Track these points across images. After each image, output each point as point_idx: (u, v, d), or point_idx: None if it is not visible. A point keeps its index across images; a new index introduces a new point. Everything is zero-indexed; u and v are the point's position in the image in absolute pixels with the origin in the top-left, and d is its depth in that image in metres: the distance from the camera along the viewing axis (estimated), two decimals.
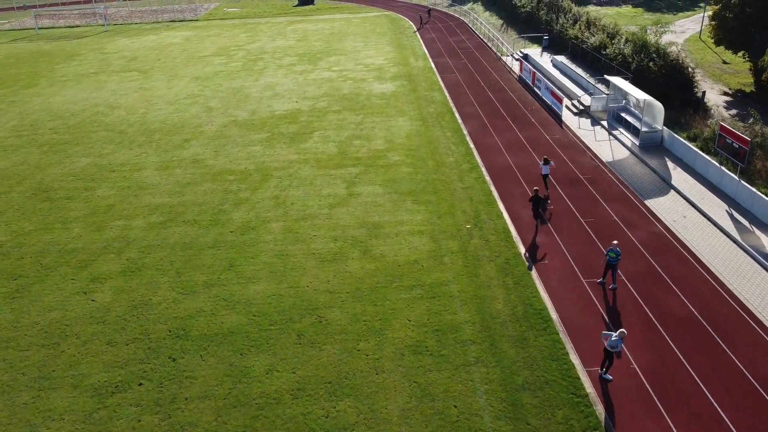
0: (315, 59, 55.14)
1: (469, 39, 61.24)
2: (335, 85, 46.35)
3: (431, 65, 51.03)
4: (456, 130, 35.53)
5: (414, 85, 45.21)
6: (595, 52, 42.22)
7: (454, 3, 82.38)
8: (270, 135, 36.06)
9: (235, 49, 60.97)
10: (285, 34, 67.79)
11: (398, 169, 30.31)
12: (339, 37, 64.84)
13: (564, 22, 49.62)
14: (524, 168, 29.97)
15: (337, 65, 52.48)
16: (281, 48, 60.65)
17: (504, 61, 51.61)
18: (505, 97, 41.62)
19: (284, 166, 31.36)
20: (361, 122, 37.55)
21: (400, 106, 40.33)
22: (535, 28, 58.29)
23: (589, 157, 30.98)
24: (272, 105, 41.99)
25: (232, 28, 73.65)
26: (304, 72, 50.68)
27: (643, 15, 71.91)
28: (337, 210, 26.42)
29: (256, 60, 55.90)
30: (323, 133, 35.88)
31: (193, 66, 54.74)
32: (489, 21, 68.66)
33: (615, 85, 34.06)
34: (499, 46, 55.91)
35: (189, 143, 35.36)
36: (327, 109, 40.62)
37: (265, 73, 51.05)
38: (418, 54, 55.39)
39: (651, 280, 20.63)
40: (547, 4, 57.14)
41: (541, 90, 40.84)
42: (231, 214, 26.50)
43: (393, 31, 67.38)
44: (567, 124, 35.74)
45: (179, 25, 77.55)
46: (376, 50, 57.67)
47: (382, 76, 48.26)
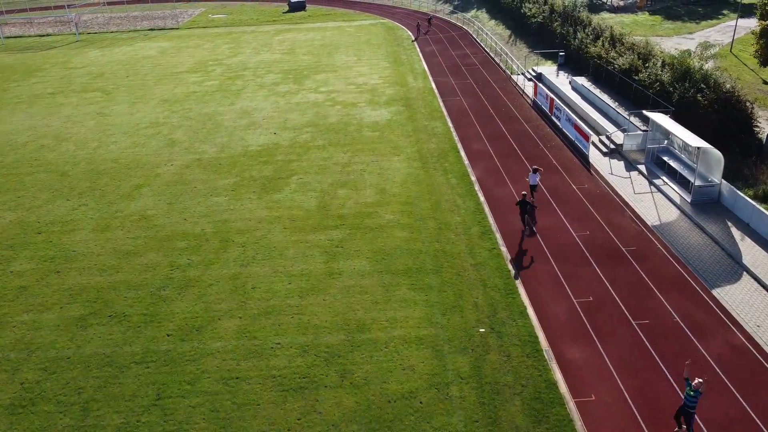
0: (301, 77, 49.03)
1: (474, 53, 55.12)
2: (322, 111, 40.24)
3: (432, 86, 44.93)
4: (462, 176, 29.43)
5: (412, 112, 39.10)
6: (624, 75, 36.12)
7: (456, 10, 76.27)
8: (239, 180, 29.96)
9: (213, 64, 54.85)
10: (271, 46, 61.66)
11: (391, 234, 24.22)
12: (330, 50, 58.72)
13: (583, 38, 43.52)
14: (550, 234, 23.88)
15: (325, 85, 46.37)
16: (265, 63, 54.53)
17: (514, 81, 45.50)
18: (518, 129, 35.51)
19: (250, 228, 25.26)
20: (348, 162, 31.47)
21: (396, 141, 34.25)
22: (547, 41, 52.19)
23: (629, 217, 24.88)
24: (246, 137, 35.88)
25: (214, 38, 67.53)
26: (288, 94, 44.57)
27: (663, 24, 65.81)
28: (311, 299, 20.34)
29: (236, 78, 49.79)
30: (302, 179, 29.79)
31: (164, 85, 48.62)
32: (495, 31, 62.54)
33: (656, 123, 28.00)
34: (508, 63, 49.80)
35: (140, 191, 29.26)
36: (310, 143, 34.52)
37: (243, 94, 44.94)
38: (416, 71, 49.28)
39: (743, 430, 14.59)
40: (562, 15, 51.03)
41: (561, 121, 34.75)
42: (173, 304, 20.41)
43: (389, 42, 61.27)
44: (596, 168, 29.65)
45: (158, 35, 71.42)
46: (369, 66, 51.58)
47: (376, 99, 42.16)
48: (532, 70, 46.35)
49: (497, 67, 49.92)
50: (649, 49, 36.53)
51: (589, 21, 46.28)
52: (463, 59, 52.75)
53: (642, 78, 33.83)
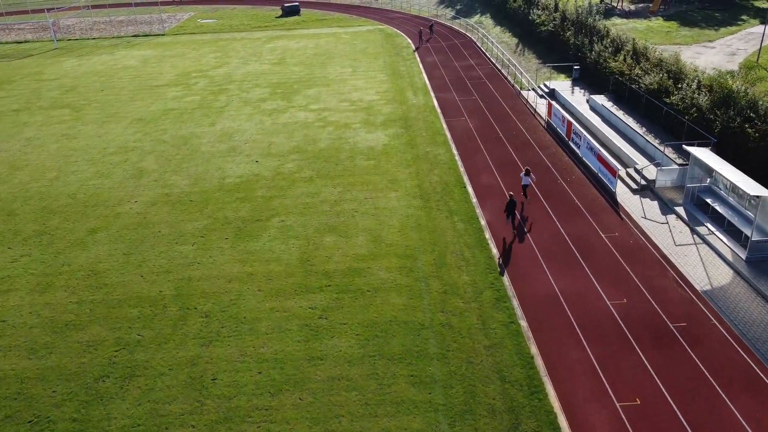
0: (291, 92, 44.83)
1: (479, 64, 50.93)
2: (311, 133, 36.05)
3: (434, 103, 40.74)
4: (470, 218, 25.25)
5: (412, 135, 34.92)
6: (652, 96, 31.93)
7: (458, 15, 72.05)
8: (210, 223, 25.79)
9: (196, 76, 50.65)
10: (260, 55, 57.45)
11: (386, 300, 20.07)
12: (323, 60, 54.52)
13: (601, 50, 39.31)
14: (579, 301, 19.71)
15: (316, 101, 42.18)
16: (253, 75, 50.33)
17: (525, 97, 41.31)
18: (532, 158, 31.32)
19: (218, 290, 21.09)
20: (338, 200, 27.30)
21: (393, 172, 30.07)
22: (559, 51, 48.03)
23: (673, 279, 20.71)
24: (225, 166, 31.72)
25: (200, 46, 63.32)
26: (275, 112, 40.38)
27: (679, 30, 61.62)
28: (284, 398, 16.18)
29: (219, 92, 45.59)
30: (284, 221, 25.62)
31: (140, 101, 44.43)
32: (501, 39, 58.34)
33: (698, 159, 23.85)
34: (517, 76, 45.61)
35: (94, 237, 25.09)
36: (295, 174, 30.35)
37: (225, 112, 40.74)
38: (417, 86, 45.09)
39: None
40: (575, 24, 46.84)
41: (581, 149, 30.58)
42: (111, 405, 16.24)
43: (388, 51, 57.08)
44: (625, 209, 25.46)
45: (142, 42, 67.20)
46: (366, 79, 47.40)
47: (372, 119, 37.97)
48: (543, 86, 42.17)
49: (505, 80, 45.73)
50: (679, 67, 32.33)
51: (607, 31, 42.07)
52: (468, 71, 48.56)
53: (674, 101, 29.62)
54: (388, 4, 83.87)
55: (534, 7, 57.23)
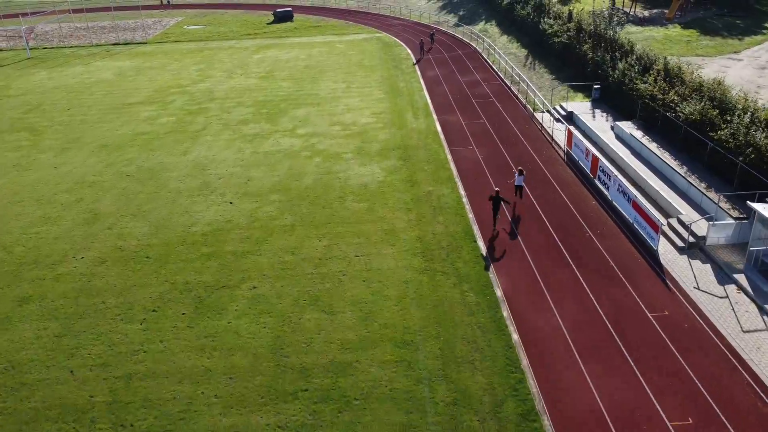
0: (276, 113, 40.22)
1: (486, 79, 46.31)
2: (297, 165, 31.45)
3: (436, 127, 36.14)
4: (483, 288, 20.64)
5: (412, 169, 30.32)
6: (692, 128, 27.34)
7: (461, 23, 67.42)
8: (167, 290, 21.20)
9: (175, 93, 46.05)
10: (247, 67, 52.84)
11: (377, 417, 15.46)
12: (315, 73, 49.93)
13: (626, 69, 34.72)
14: (630, 421, 15.11)
15: (304, 125, 37.58)
16: (236, 91, 45.73)
17: (539, 121, 36.71)
18: (553, 200, 26.70)
19: (164, 396, 16.48)
20: (323, 257, 22.72)
21: (390, 219, 25.48)
22: (575, 66, 43.44)
23: (747, 384, 16.13)
24: (193, 209, 27.13)
25: (183, 56, 58.69)
26: (257, 138, 35.77)
27: (700, 40, 57.04)
28: None
29: (197, 113, 40.99)
30: (256, 289, 21.03)
31: (108, 122, 39.83)
32: (508, 50, 53.74)
33: (766, 219, 19.29)
34: (529, 95, 41.00)
35: (24, 310, 20.48)
36: (275, 221, 25.76)
37: (201, 138, 36.15)
38: (417, 105, 40.48)
39: None
40: (593, 36, 42.24)
41: (611, 191, 25.98)
42: None
43: (386, 63, 52.49)
44: (672, 274, 20.88)
45: (121, 51, 62.58)
46: (361, 97, 42.81)
47: (367, 147, 33.37)
48: (560, 107, 37.56)
49: (515, 100, 41.10)
50: (723, 92, 27.73)
51: (631, 46, 37.44)
52: (474, 88, 43.94)
53: (723, 137, 25.02)
54: (387, 9, 79.27)
55: (545, 15, 52.63)
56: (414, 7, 79.88)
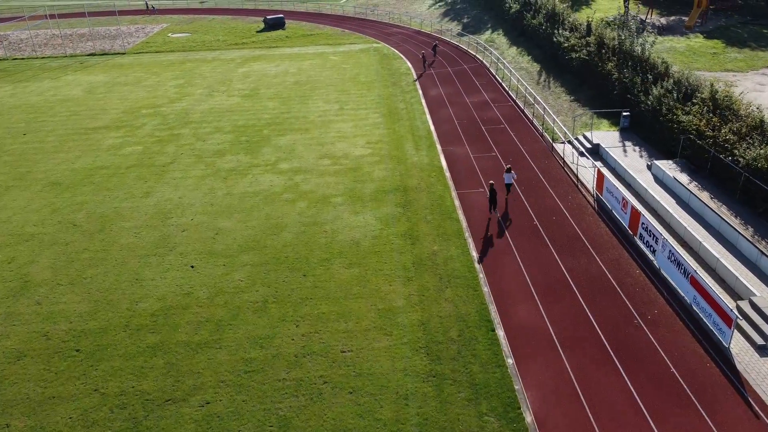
0: (258, 141, 35.24)
1: (496, 100, 41.31)
2: (276, 213, 26.48)
3: (441, 162, 31.16)
4: (506, 406, 15.66)
5: (413, 221, 25.34)
6: (756, 177, 22.35)
7: (465, 32, 62.38)
8: (90, 409, 16.16)
9: (147, 114, 41.06)
10: (230, 83, 47.86)
11: None
12: (305, 91, 44.96)
13: (662, 95, 29.77)
14: None
15: (289, 157, 32.61)
16: (215, 112, 40.75)
17: (560, 154, 31.73)
18: (588, 270, 21.68)
19: None
20: (300, 354, 17.76)
21: (385, 293, 20.52)
22: (596, 87, 38.45)
23: None
24: (144, 275, 22.17)
25: (163, 69, 53.68)
26: (233, 174, 30.80)
27: (727, 51, 52.09)
28: None
29: (168, 140, 35.99)
30: (208, 408, 16.02)
31: (66, 151, 34.86)
32: (519, 65, 48.74)
33: None
34: (546, 121, 36.00)
35: None
36: (243, 294, 20.80)
37: (168, 173, 31.17)
38: (419, 132, 35.49)
39: None
40: (618, 53, 37.23)
41: (658, 255, 21.01)
42: None
43: (384, 79, 47.53)
44: (755, 389, 15.91)
45: (97, 63, 57.58)
46: (355, 121, 37.85)
47: (360, 189, 28.39)
48: (583, 137, 32.59)
49: (530, 126, 36.09)
50: None
51: (666, 67, 32.44)
52: (483, 111, 38.94)
53: None
54: (385, 16, 74.29)
55: (559, 26, 47.63)
56: (414, 13, 74.89)
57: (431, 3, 79.74)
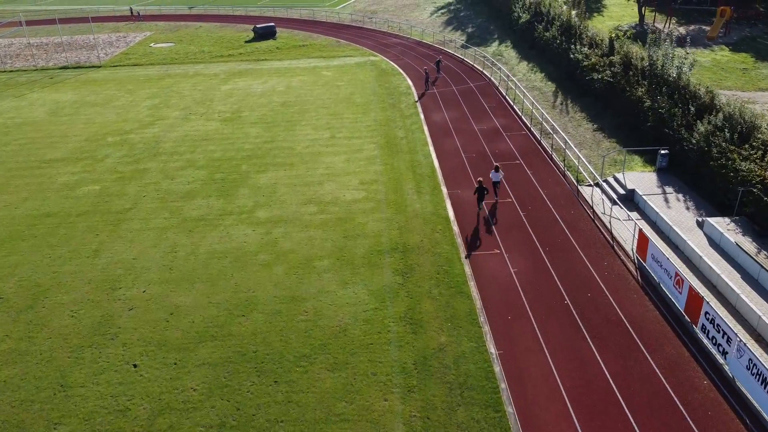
0: (234, 179, 30.44)
1: (508, 127, 36.49)
2: (247, 282, 21.66)
3: (448, 211, 26.34)
4: None
5: (415, 296, 20.55)
6: None
7: (469, 44, 57.54)
8: None
9: (113, 142, 36.25)
10: (210, 104, 43.05)
11: None
12: (293, 114, 40.16)
13: (710, 132, 25.03)
14: None
15: (268, 202, 27.80)
16: (190, 141, 35.96)
17: (587, 200, 26.93)
18: (637, 374, 16.81)
19: None
20: None
21: (379, 414, 15.69)
22: (624, 113, 33.70)
23: None
24: (72, 378, 17.34)
25: (138, 86, 48.86)
26: (201, 224, 25.99)
27: (758, 66, 47.33)
28: None
29: (131, 177, 31.19)
30: None
31: (10, 193, 30.03)
32: (531, 83, 43.94)
33: None
34: (568, 156, 31.19)
35: None
36: (192, 414, 15.95)
37: (125, 224, 26.36)
38: (421, 169, 30.67)
39: None
40: (649, 77, 32.45)
41: (730, 360, 16.25)
42: None
43: (381, 99, 42.74)
44: None
45: (69, 77, 52.78)
46: (348, 153, 33.06)
47: (351, 248, 23.58)
48: (614, 179, 27.80)
49: (550, 162, 31.26)
50: None
51: (712, 97, 27.67)
52: (493, 141, 34.11)
53: None
54: (384, 24, 69.48)
55: (576, 40, 42.85)
56: (415, 21, 70.08)
57: (433, 10, 74.97)
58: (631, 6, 71.85)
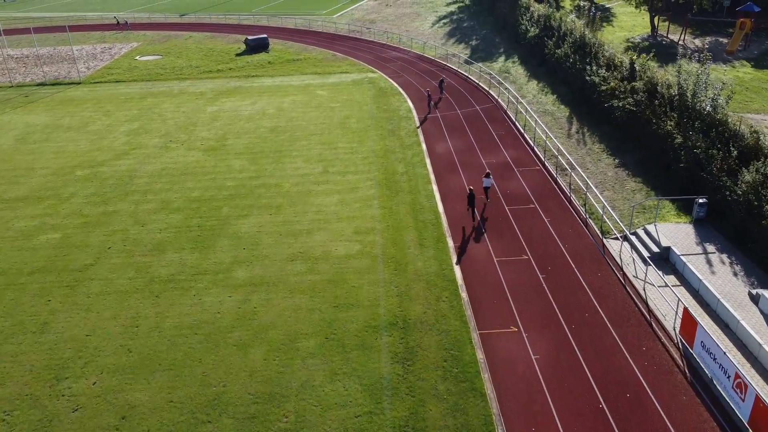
0: (213, 228, 26.90)
1: (519, 161, 32.98)
2: (218, 370, 18.12)
3: (455, 273, 22.81)
4: None
5: (418, 394, 17.01)
6: None
7: (473, 59, 54.00)
8: None
9: (81, 176, 32.74)
10: (194, 129, 39.54)
11: None
12: (283, 142, 36.66)
13: (758, 182, 21.56)
14: None
15: (249, 258, 24.26)
16: (167, 176, 32.44)
17: (615, 258, 23.43)
18: None
19: None
20: None
21: None
22: (648, 144, 30.25)
23: None
24: None
25: (118, 106, 45.35)
26: (170, 287, 22.46)
27: None
28: None
29: (97, 223, 27.65)
30: None
31: None
32: (543, 105, 40.46)
33: None
34: (587, 197, 27.70)
35: None
36: None
37: (83, 284, 22.82)
38: (424, 216, 27.13)
39: None
40: (679, 108, 28.97)
41: None
42: None
43: (380, 124, 39.22)
44: None
45: (45, 95, 49.28)
46: (342, 193, 29.53)
47: (342, 325, 20.05)
48: (644, 232, 24.31)
49: (569, 206, 27.72)
50: None
51: (756, 139, 24.19)
52: (504, 179, 30.56)
53: None
54: (382, 35, 65.95)
55: (591, 60, 39.36)
56: (415, 32, 66.56)
57: (434, 20, 71.48)
58: (642, 15, 68.41)
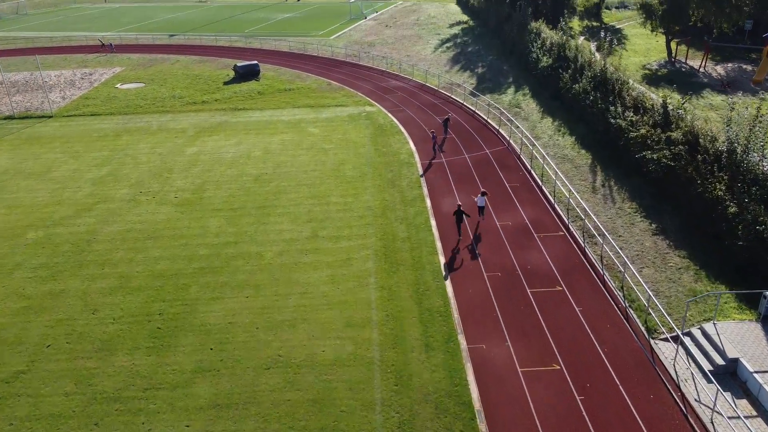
0: (176, 317, 22.35)
1: (539, 222, 28.53)
2: None
3: (470, 388, 18.33)
4: None
5: None
6: None
7: (481, 90, 49.77)
8: None
9: (31, 240, 28.23)
10: (169, 177, 35.12)
11: None
12: (267, 196, 32.21)
13: None
14: None
15: (216, 363, 19.69)
16: (130, 241, 27.96)
17: (665, 364, 18.95)
18: None
19: None
20: None
21: None
22: (689, 205, 25.89)
23: None
24: None
25: (88, 145, 40.97)
26: (113, 411, 17.83)
27: None
28: None
29: (39, 308, 23.03)
30: None
31: None
32: (560, 149, 36.11)
33: None
34: (623, 277, 23.23)
35: None
36: None
37: (10, 398, 18.30)
38: (431, 302, 22.60)
39: None
40: (731, 167, 24.62)
41: None
42: None
43: (378, 171, 34.81)
44: None
45: (11, 130, 44.91)
46: (333, 268, 25.00)
47: None
48: (701, 334, 19.84)
49: (602, 287, 23.20)
50: None
51: None
52: (523, 248, 26.06)
53: None
54: (382, 60, 61.77)
55: (616, 99, 35.06)
56: (417, 57, 62.41)
57: (437, 44, 67.46)
58: (656, 37, 64.38)
